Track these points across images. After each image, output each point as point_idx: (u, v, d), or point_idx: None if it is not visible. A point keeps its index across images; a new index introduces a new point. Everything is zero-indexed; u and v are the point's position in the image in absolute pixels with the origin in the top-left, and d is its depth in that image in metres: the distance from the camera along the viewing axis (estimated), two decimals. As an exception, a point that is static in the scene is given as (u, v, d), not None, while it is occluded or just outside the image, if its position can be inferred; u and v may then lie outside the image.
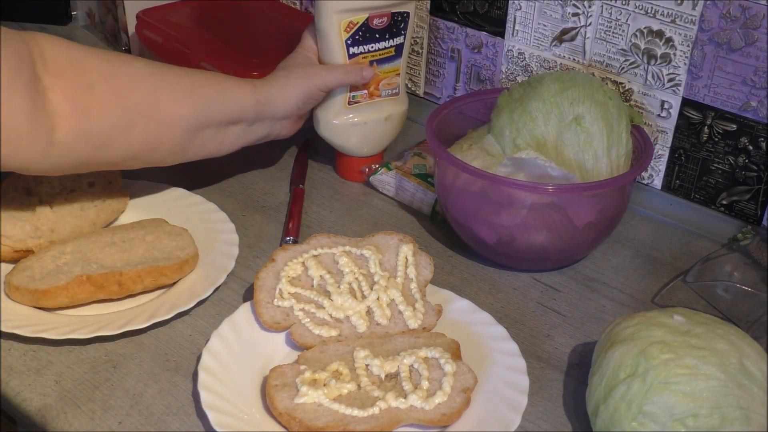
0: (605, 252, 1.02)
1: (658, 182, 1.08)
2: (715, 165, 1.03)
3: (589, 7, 1.05)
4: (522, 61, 1.15)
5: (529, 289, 0.96)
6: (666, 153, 1.06)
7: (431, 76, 1.26)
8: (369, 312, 0.87)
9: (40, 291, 0.86)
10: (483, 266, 0.99)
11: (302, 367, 0.79)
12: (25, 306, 0.87)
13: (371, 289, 0.88)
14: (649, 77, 1.04)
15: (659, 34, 1.01)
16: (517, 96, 0.97)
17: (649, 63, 1.03)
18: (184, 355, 0.85)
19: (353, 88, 1.06)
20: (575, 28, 1.08)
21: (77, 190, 0.99)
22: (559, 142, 0.94)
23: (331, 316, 0.86)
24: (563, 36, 1.10)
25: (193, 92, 0.94)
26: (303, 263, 0.90)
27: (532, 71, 1.14)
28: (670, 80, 1.03)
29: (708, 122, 1.01)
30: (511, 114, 0.96)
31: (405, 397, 0.76)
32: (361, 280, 0.89)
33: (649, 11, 1.01)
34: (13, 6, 1.52)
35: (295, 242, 1.00)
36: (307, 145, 1.20)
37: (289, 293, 0.87)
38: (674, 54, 1.01)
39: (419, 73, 1.27)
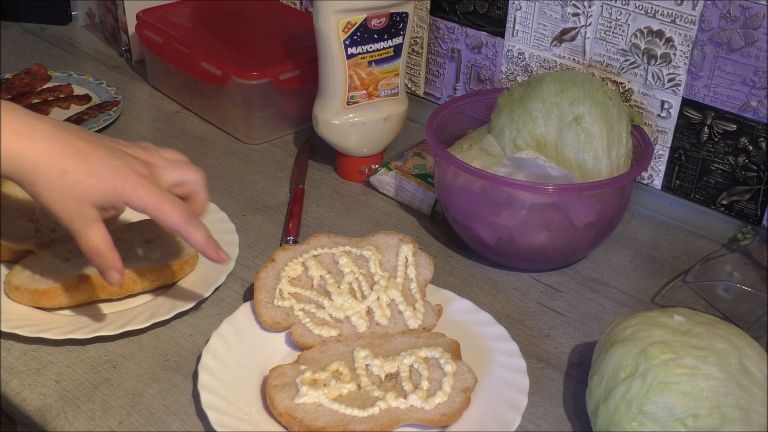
0: (605, 252, 1.02)
1: (658, 182, 1.08)
2: (715, 165, 1.03)
3: (589, 7, 1.05)
4: (522, 61, 1.15)
5: (529, 289, 0.96)
6: (666, 153, 1.06)
7: (431, 76, 1.26)
8: (369, 312, 0.87)
9: (40, 291, 0.86)
10: (483, 266, 0.99)
11: (302, 367, 0.79)
12: (25, 306, 0.87)
13: (371, 289, 0.88)
14: (649, 77, 1.04)
15: (659, 34, 1.01)
16: (517, 96, 0.97)
17: (649, 63, 1.03)
18: (184, 355, 0.85)
19: (352, 88, 1.06)
20: (575, 28, 1.08)
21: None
22: (559, 142, 0.94)
23: (331, 316, 0.86)
24: (563, 36, 1.10)
25: None
26: (303, 263, 0.90)
27: (532, 71, 1.14)
28: (670, 80, 1.03)
29: (708, 122, 1.01)
30: (511, 114, 0.96)
31: (405, 397, 0.76)
32: (361, 280, 0.89)
33: (649, 11, 1.01)
34: (13, 6, 1.52)
35: (295, 242, 1.00)
36: (307, 145, 1.20)
37: (289, 293, 0.87)
38: (674, 54, 1.01)
39: (419, 73, 1.27)
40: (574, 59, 1.10)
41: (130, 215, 1.01)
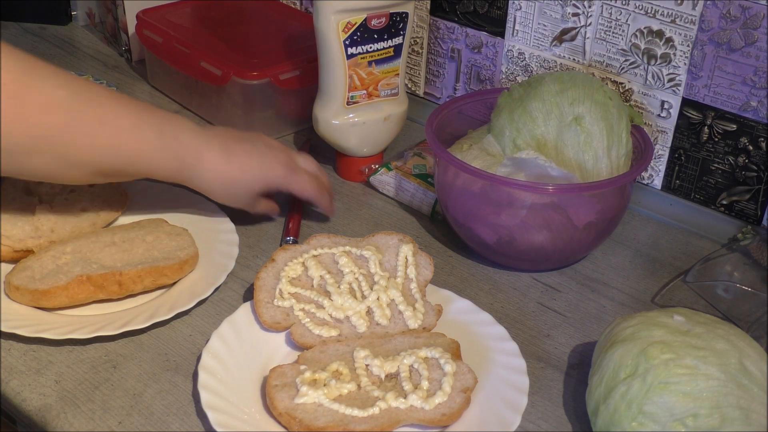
0: (605, 252, 1.02)
1: (658, 182, 1.08)
2: (715, 165, 1.03)
3: (589, 7, 1.05)
4: (522, 61, 1.15)
5: (529, 289, 0.96)
6: (666, 153, 1.06)
7: (431, 76, 1.26)
8: (369, 312, 0.87)
9: (40, 291, 0.86)
10: (483, 266, 0.99)
11: (302, 367, 0.79)
12: (25, 306, 0.87)
13: (371, 289, 0.88)
14: (649, 77, 1.04)
15: (659, 34, 1.01)
16: (517, 96, 0.97)
17: (649, 63, 1.03)
18: (184, 355, 0.85)
19: (352, 88, 1.06)
20: (575, 28, 1.08)
21: (77, 190, 0.99)
22: (559, 142, 0.94)
23: (331, 316, 0.86)
24: (563, 36, 1.10)
25: (112, 146, 0.86)
26: (303, 263, 0.90)
27: (532, 71, 1.14)
28: (670, 80, 1.03)
29: (708, 122, 1.02)
30: (511, 114, 0.96)
31: (405, 397, 0.76)
32: (361, 280, 0.89)
33: (649, 11, 1.01)
34: (13, 6, 1.52)
35: (295, 242, 1.00)
36: (307, 145, 1.20)
37: (289, 293, 0.87)
38: (674, 54, 1.01)
39: (419, 73, 1.27)
40: (574, 59, 1.10)
41: (131, 216, 1.02)
